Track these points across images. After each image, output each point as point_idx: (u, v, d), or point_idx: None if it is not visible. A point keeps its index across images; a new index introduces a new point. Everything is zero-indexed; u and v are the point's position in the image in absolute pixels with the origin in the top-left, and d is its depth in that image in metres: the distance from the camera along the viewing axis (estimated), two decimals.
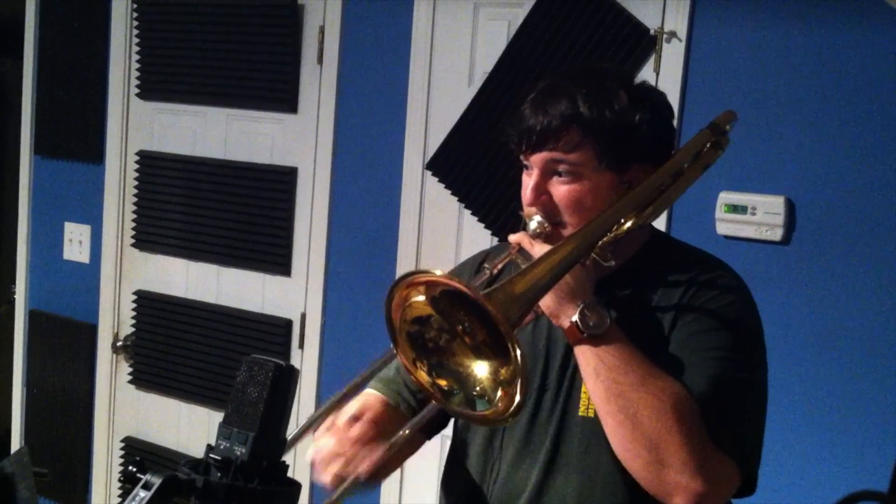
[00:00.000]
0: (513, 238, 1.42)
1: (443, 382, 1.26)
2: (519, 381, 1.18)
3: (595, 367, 1.33)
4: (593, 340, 1.33)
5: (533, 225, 1.41)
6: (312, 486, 1.38)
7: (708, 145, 1.51)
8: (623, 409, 1.31)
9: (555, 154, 1.40)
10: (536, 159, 1.42)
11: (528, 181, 1.43)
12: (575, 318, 1.34)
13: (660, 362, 1.34)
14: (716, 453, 1.31)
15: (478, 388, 1.25)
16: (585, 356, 1.35)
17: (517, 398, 1.19)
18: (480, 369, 1.25)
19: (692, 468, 1.28)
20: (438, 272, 1.20)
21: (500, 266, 1.44)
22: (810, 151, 2.18)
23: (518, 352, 1.17)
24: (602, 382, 1.33)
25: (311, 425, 1.43)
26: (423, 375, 1.26)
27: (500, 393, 1.22)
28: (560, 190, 1.41)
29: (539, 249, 1.36)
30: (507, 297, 1.21)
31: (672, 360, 1.37)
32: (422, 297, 1.22)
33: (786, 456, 2.19)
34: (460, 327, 1.25)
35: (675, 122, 1.49)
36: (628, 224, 1.39)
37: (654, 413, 1.29)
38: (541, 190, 1.42)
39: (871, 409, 2.12)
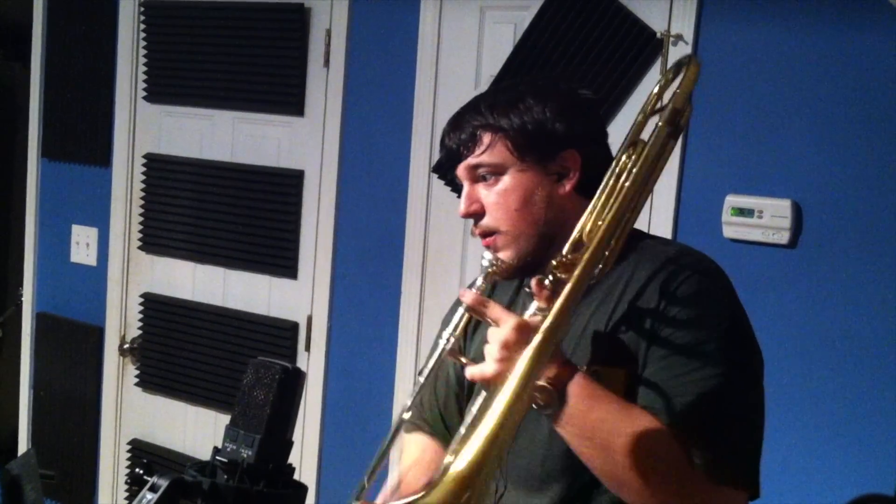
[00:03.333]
0: (466, 300, 1.31)
1: None
2: None
3: (567, 440, 1.28)
4: (551, 419, 1.27)
5: (485, 263, 1.40)
6: (318, 488, 1.38)
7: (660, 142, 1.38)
8: (600, 470, 1.28)
9: (472, 159, 1.44)
10: (461, 171, 1.46)
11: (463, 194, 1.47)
12: None
13: (638, 389, 1.30)
14: (706, 485, 1.26)
15: None
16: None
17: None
18: None
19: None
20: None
21: (458, 333, 1.32)
22: (817, 154, 2.17)
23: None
24: (576, 448, 1.28)
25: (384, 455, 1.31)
26: None
27: None
28: (486, 192, 1.44)
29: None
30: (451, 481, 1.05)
31: (651, 390, 1.30)
32: None
33: (793, 460, 2.18)
34: None
35: (592, 95, 1.51)
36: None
37: (628, 472, 1.24)
38: (472, 198, 1.45)
39: (879, 413, 2.11)
